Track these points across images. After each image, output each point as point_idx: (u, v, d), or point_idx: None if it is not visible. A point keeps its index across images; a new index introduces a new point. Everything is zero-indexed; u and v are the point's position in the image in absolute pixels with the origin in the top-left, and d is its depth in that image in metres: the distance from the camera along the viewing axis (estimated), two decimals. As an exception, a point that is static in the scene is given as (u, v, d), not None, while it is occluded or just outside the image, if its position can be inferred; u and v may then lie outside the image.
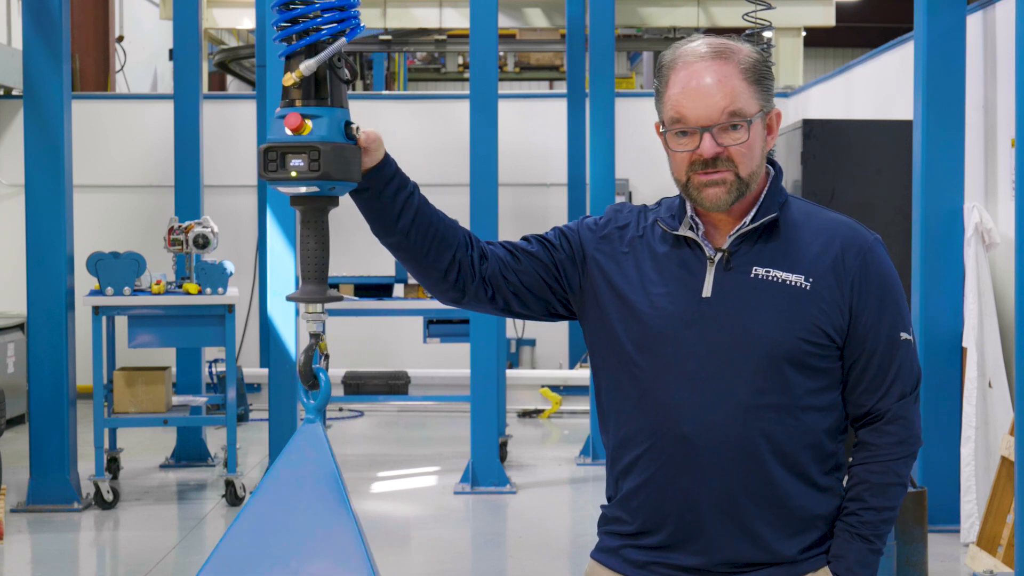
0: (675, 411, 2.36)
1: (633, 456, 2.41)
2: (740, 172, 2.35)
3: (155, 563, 6.34)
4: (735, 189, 2.36)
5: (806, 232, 2.41)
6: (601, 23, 9.15)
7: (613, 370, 2.44)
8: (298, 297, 2.49)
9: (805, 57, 15.38)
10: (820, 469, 2.40)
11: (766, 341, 2.33)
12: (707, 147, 2.34)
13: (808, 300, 2.35)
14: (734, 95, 2.34)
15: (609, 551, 2.49)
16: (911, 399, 2.44)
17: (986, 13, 7.10)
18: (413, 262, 2.47)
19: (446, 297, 2.51)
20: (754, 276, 2.37)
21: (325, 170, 2.35)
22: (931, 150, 6.80)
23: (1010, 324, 6.60)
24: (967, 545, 6.40)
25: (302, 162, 2.36)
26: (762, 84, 2.38)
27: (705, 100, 2.33)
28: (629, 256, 2.45)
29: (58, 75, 7.28)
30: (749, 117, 2.34)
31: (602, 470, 8.59)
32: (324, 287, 2.51)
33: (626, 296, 2.42)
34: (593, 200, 9.16)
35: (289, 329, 7.51)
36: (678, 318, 2.37)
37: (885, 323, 2.40)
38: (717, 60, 2.35)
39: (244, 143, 11.98)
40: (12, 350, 10.26)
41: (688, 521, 2.37)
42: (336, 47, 2.39)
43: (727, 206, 2.37)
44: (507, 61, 16.04)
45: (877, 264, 2.40)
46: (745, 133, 2.34)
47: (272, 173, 2.37)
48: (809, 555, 2.41)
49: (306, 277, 2.48)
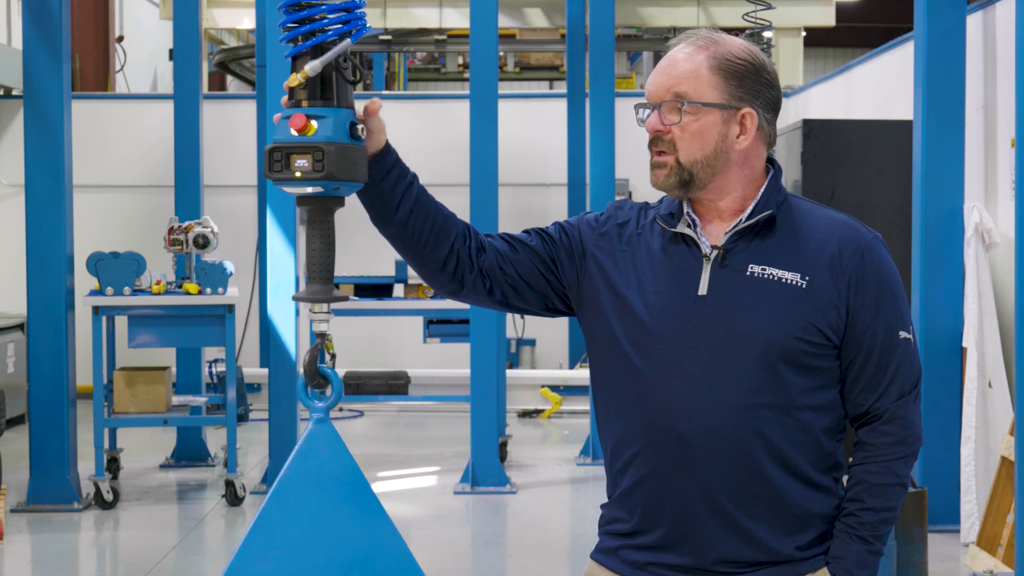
0: (670, 409, 2.35)
1: (630, 454, 2.41)
2: (680, 157, 2.37)
3: (155, 563, 6.34)
4: (675, 174, 2.38)
5: (804, 230, 2.40)
6: (601, 23, 9.15)
7: (610, 367, 2.43)
8: (304, 297, 2.50)
9: (805, 57, 15.39)
10: (817, 468, 2.39)
11: (761, 340, 2.32)
12: (650, 122, 2.39)
13: (804, 298, 2.34)
14: (685, 78, 2.36)
15: (608, 552, 2.48)
16: (910, 398, 2.42)
17: (986, 13, 7.11)
18: (411, 252, 2.48)
19: (444, 289, 2.52)
20: (750, 274, 2.36)
21: (329, 170, 2.35)
22: (931, 150, 6.80)
23: (1010, 324, 6.60)
24: (967, 545, 6.40)
25: (306, 162, 2.36)
26: (734, 80, 2.37)
27: (659, 77, 2.39)
28: (627, 253, 2.45)
29: (58, 75, 7.28)
30: (695, 101, 2.35)
31: (602, 470, 8.56)
32: (330, 287, 2.52)
33: (622, 293, 2.42)
34: (593, 200, 9.16)
35: (289, 329, 7.51)
36: (673, 316, 2.37)
37: (883, 322, 2.39)
38: (693, 46, 2.39)
39: (244, 143, 11.98)
40: (12, 350, 10.26)
41: (684, 520, 2.37)
42: (341, 48, 2.39)
43: (670, 190, 2.39)
44: (507, 61, 16.04)
45: (875, 262, 2.39)
46: (689, 117, 2.35)
47: (277, 174, 2.38)
48: (808, 554, 2.40)
49: (312, 277, 2.49)
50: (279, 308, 7.50)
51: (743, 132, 2.38)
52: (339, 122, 2.36)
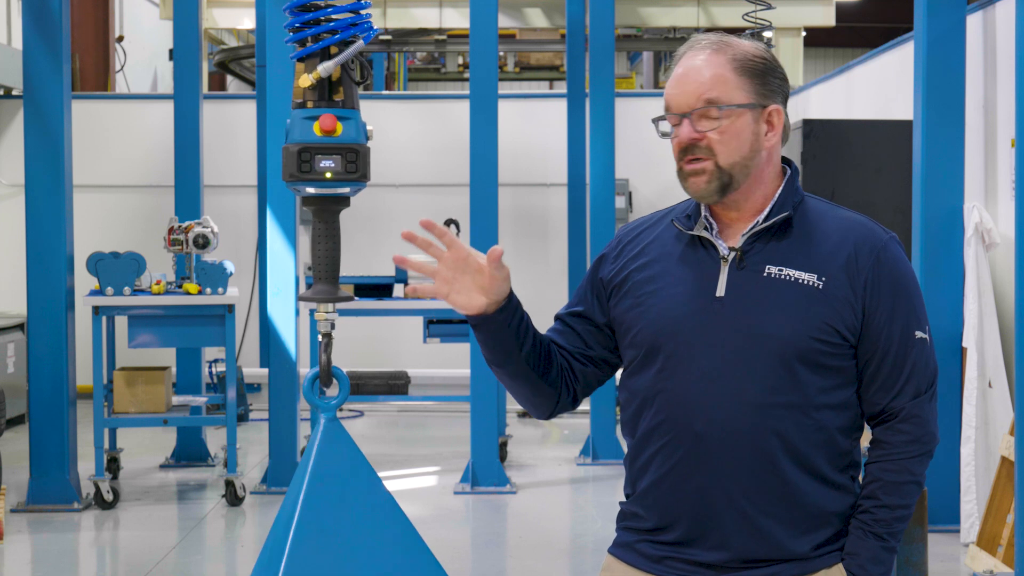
0: (689, 409, 2.38)
1: (649, 453, 2.45)
2: (719, 161, 2.38)
3: (155, 563, 6.34)
4: (716, 179, 2.38)
5: (820, 231, 2.43)
6: (601, 23, 9.15)
7: (634, 370, 2.48)
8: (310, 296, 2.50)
9: (805, 57, 15.38)
10: (834, 467, 2.42)
11: (778, 340, 2.35)
12: (683, 132, 2.38)
13: (820, 299, 2.37)
14: (714, 82, 2.37)
15: (625, 546, 2.52)
16: (926, 397, 2.44)
17: (986, 13, 7.10)
18: (529, 383, 2.50)
19: (563, 406, 2.57)
20: (767, 275, 2.39)
21: (363, 171, 2.35)
22: (931, 150, 6.80)
23: (1010, 324, 6.60)
24: (967, 545, 6.40)
25: (334, 163, 2.36)
26: (757, 79, 2.40)
27: (685, 87, 2.39)
28: (646, 260, 2.49)
29: (58, 75, 7.28)
30: (727, 104, 2.37)
31: (602, 470, 8.61)
32: (336, 287, 2.53)
33: (643, 298, 2.46)
34: (593, 200, 9.16)
35: (289, 329, 7.51)
36: (692, 318, 2.40)
37: (899, 322, 2.41)
38: (707, 51, 2.40)
39: (244, 143, 11.98)
40: (12, 350, 10.26)
41: (702, 518, 2.40)
42: (355, 48, 2.39)
43: (711, 196, 2.40)
44: (507, 61, 16.03)
45: (891, 262, 2.42)
46: (726, 121, 2.37)
47: (305, 174, 2.37)
48: (823, 552, 2.42)
49: (319, 277, 2.49)
50: (279, 308, 7.50)
51: (771, 129, 2.43)
52: (361, 124, 2.36)
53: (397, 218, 12.30)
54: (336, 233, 2.55)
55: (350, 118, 2.38)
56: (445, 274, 2.38)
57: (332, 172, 2.36)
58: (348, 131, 2.36)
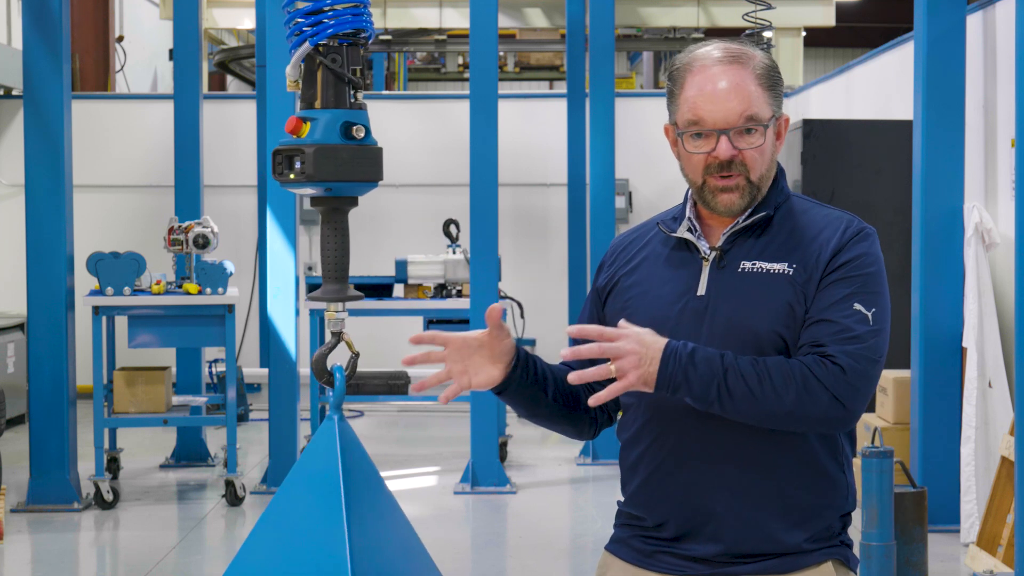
0: (673, 407, 2.41)
1: (638, 452, 2.49)
2: (751, 176, 2.41)
3: (155, 563, 6.34)
4: (747, 194, 2.41)
5: (800, 226, 2.45)
6: (601, 23, 9.15)
7: None
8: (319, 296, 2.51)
9: (805, 57, 15.38)
10: (822, 457, 2.43)
11: (754, 333, 2.38)
12: (723, 149, 2.38)
13: (787, 284, 2.39)
14: (751, 99, 2.39)
15: (620, 541, 2.56)
16: (855, 358, 2.31)
17: (986, 13, 7.10)
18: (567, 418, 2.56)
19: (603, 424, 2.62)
20: (742, 270, 2.42)
21: (309, 173, 2.35)
22: (931, 150, 6.80)
23: (1010, 324, 6.60)
24: (967, 545, 6.40)
25: (300, 164, 2.37)
26: (775, 90, 2.44)
27: (723, 103, 2.38)
28: (635, 264, 2.54)
29: (58, 75, 7.28)
30: (764, 122, 2.40)
31: (602, 470, 8.61)
32: (345, 286, 2.55)
33: (631, 300, 2.50)
34: (593, 200, 9.16)
35: (289, 329, 7.52)
36: (676, 317, 2.43)
37: (842, 289, 2.36)
38: (733, 64, 2.40)
39: (244, 143, 11.98)
40: (12, 350, 10.26)
41: (693, 513, 2.43)
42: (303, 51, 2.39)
43: (740, 211, 2.43)
44: (507, 61, 16.03)
45: (860, 245, 2.41)
46: (760, 138, 2.39)
47: (280, 176, 2.39)
48: (815, 546, 2.43)
49: (328, 277, 2.50)
50: (279, 308, 7.50)
51: (779, 137, 2.46)
52: (329, 123, 2.35)
53: (397, 218, 12.31)
54: (344, 233, 2.56)
55: (315, 118, 2.38)
56: (455, 367, 2.42)
57: (296, 173, 2.37)
58: (312, 132, 2.37)
